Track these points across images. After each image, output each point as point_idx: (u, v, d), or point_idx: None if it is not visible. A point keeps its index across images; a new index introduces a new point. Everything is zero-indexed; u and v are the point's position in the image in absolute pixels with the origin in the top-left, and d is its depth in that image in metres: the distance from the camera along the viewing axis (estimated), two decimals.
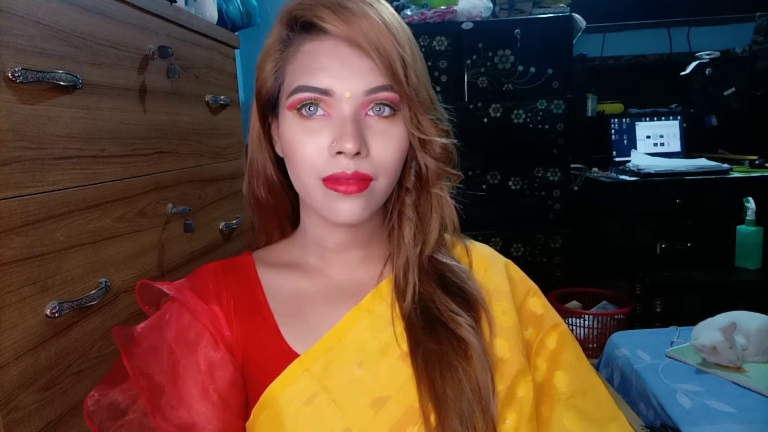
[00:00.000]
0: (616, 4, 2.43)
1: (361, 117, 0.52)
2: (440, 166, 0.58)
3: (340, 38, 0.51)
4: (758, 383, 1.08)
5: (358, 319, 0.57)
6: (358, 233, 0.61)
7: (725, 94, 2.33)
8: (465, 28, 2.05)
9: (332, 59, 0.51)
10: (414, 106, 0.53)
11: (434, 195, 0.60)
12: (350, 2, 0.51)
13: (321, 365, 0.54)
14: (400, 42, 0.51)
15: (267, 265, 0.63)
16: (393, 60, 0.50)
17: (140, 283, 0.58)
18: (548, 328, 0.62)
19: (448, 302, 0.56)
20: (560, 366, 0.60)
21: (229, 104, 1.31)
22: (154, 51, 0.95)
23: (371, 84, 0.51)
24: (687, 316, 1.44)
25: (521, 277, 0.66)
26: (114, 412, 0.52)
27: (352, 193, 0.52)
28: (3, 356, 0.60)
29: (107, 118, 0.82)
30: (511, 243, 2.15)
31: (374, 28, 0.50)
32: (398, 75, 0.51)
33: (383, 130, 0.53)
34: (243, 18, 1.61)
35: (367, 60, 0.51)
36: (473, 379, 0.53)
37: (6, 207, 0.61)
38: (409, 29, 0.55)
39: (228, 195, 1.32)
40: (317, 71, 0.51)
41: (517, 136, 2.10)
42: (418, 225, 0.60)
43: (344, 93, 0.51)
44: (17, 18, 0.64)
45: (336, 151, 0.51)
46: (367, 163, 0.52)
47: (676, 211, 1.98)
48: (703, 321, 1.22)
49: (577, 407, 0.57)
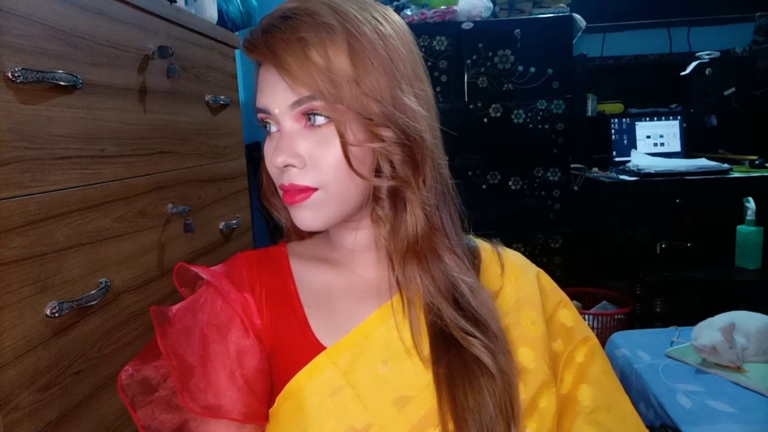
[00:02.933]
0: (616, 4, 2.43)
1: (298, 130, 0.54)
2: (393, 173, 0.55)
3: (266, 60, 0.54)
4: (758, 383, 1.08)
5: (385, 318, 0.58)
6: (360, 236, 0.61)
7: (725, 94, 2.33)
8: (465, 28, 2.05)
9: (265, 81, 0.55)
10: (343, 113, 0.52)
11: (408, 202, 0.57)
12: (275, 28, 0.53)
13: (347, 360, 0.55)
14: (322, 56, 0.51)
15: (299, 258, 0.64)
16: (309, 71, 0.51)
17: (178, 266, 0.60)
18: (578, 341, 0.62)
19: (459, 320, 0.56)
20: (585, 380, 0.60)
21: (229, 104, 1.31)
22: (154, 51, 0.95)
23: (292, 98, 0.53)
24: (687, 316, 1.43)
25: (552, 288, 0.66)
26: (146, 388, 0.54)
27: (296, 203, 0.55)
28: (3, 356, 0.60)
29: (107, 118, 0.82)
30: (511, 243, 2.12)
31: (291, 48, 0.52)
32: (318, 85, 0.51)
33: (321, 140, 0.54)
34: (243, 18, 1.61)
35: (286, 77, 0.53)
36: (497, 396, 0.53)
37: (6, 207, 0.61)
38: (354, 34, 0.53)
39: (228, 195, 1.32)
40: (260, 93, 0.56)
41: (517, 136, 2.10)
42: (392, 224, 0.58)
43: (274, 109, 0.54)
44: (17, 18, 0.64)
45: (274, 166, 0.55)
46: (306, 174, 0.54)
47: (676, 211, 1.98)
48: (703, 321, 1.22)
49: (598, 422, 0.57)
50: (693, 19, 2.43)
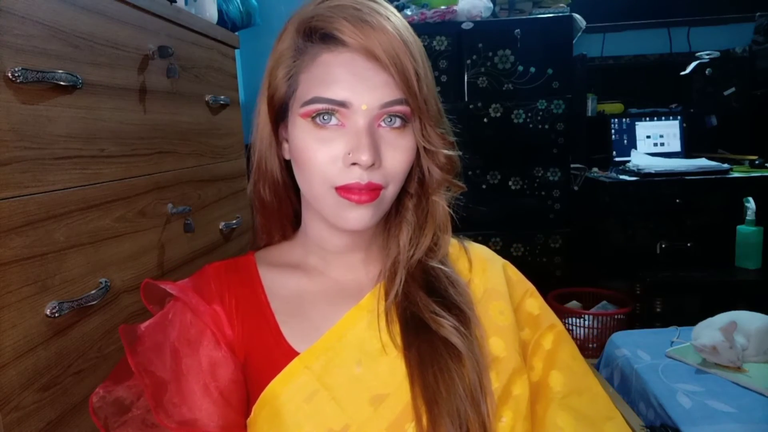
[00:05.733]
0: (616, 4, 2.43)
1: (374, 128, 0.53)
2: (444, 176, 0.60)
3: (357, 51, 0.52)
4: (758, 383, 1.08)
5: (358, 318, 0.58)
6: (360, 236, 0.62)
7: (725, 94, 2.33)
8: (465, 28, 2.05)
9: (349, 72, 0.52)
10: (425, 119, 0.55)
11: (432, 202, 0.61)
12: (369, 15, 0.51)
13: (321, 363, 0.55)
14: (415, 56, 0.52)
15: (268, 265, 0.64)
16: (408, 74, 0.51)
17: (145, 282, 0.59)
18: (544, 328, 0.63)
19: (430, 303, 0.57)
20: (555, 366, 0.60)
21: (229, 104, 1.31)
22: (154, 51, 0.95)
23: (387, 98, 0.52)
24: (687, 316, 1.43)
25: (519, 278, 0.67)
26: (119, 408, 0.53)
27: (364, 202, 0.53)
28: (3, 356, 0.60)
29: (107, 118, 0.82)
30: (511, 243, 2.15)
31: (391, 42, 0.51)
32: (413, 89, 0.52)
33: (394, 141, 0.54)
34: (243, 18, 1.61)
35: (383, 74, 0.52)
36: (466, 379, 0.53)
37: (6, 207, 0.61)
38: (420, 42, 0.56)
39: (228, 195, 1.32)
40: (334, 83, 0.52)
41: (517, 136, 2.10)
42: (415, 229, 0.62)
43: (361, 106, 0.52)
44: (17, 18, 0.64)
45: (351, 162, 0.52)
46: (379, 174, 0.54)
47: (676, 211, 1.98)
48: (703, 321, 1.22)
49: (571, 407, 0.58)
50: (693, 19, 2.43)
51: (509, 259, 0.69)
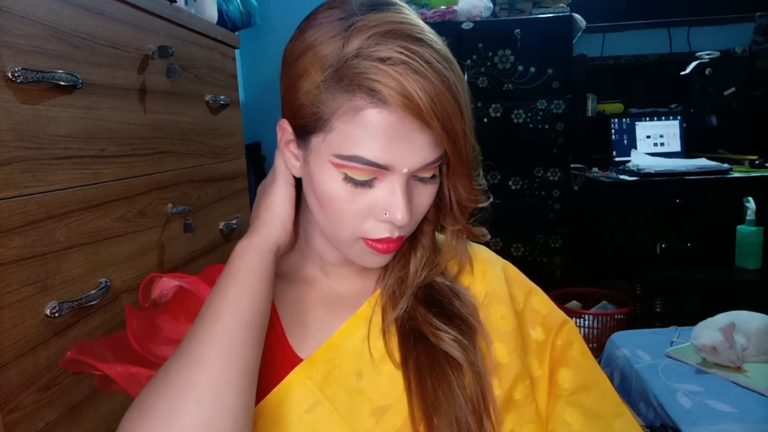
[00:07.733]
0: (616, 4, 2.43)
1: (409, 183, 0.51)
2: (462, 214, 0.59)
3: (406, 111, 0.46)
4: (758, 383, 1.08)
5: (356, 328, 0.58)
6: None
7: (725, 94, 2.33)
8: (465, 28, 2.05)
9: (395, 134, 0.47)
10: (462, 170, 0.53)
11: (451, 232, 0.60)
12: (422, 67, 0.45)
13: (322, 374, 0.55)
14: (464, 113, 0.48)
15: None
16: (456, 136, 0.48)
17: (149, 277, 0.59)
18: (557, 327, 0.62)
19: (430, 317, 0.57)
20: (564, 363, 0.60)
21: (229, 104, 1.31)
22: (154, 51, 0.95)
23: (430, 158, 0.50)
24: (687, 316, 1.44)
25: (520, 278, 0.67)
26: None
27: (391, 251, 0.54)
28: (3, 356, 0.60)
29: (107, 118, 0.82)
30: (511, 243, 2.15)
31: (444, 104, 0.46)
32: (458, 146, 0.49)
33: (423, 190, 0.53)
34: (243, 18, 1.61)
35: (429, 133, 0.48)
36: (467, 390, 0.53)
37: (6, 207, 0.61)
38: (465, 84, 0.51)
39: (228, 195, 1.32)
40: (377, 145, 0.47)
41: (517, 136, 2.10)
42: (430, 254, 0.61)
43: (402, 169, 0.49)
44: (17, 18, 0.64)
45: (384, 219, 0.51)
46: (408, 225, 0.53)
47: (676, 211, 1.97)
48: (703, 321, 1.22)
49: (579, 403, 0.57)
50: (693, 19, 2.43)
51: (509, 259, 0.68)
